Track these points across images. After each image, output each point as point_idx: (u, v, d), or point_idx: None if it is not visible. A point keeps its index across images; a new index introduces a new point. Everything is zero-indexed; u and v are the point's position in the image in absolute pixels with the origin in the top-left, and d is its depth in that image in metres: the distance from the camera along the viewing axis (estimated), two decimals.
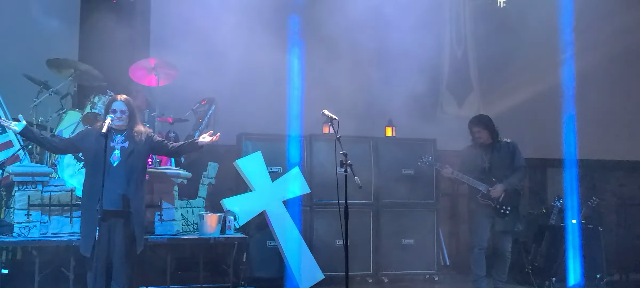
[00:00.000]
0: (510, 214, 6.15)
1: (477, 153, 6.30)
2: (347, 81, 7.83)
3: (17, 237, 5.51)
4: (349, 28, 7.82)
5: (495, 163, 6.22)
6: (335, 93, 7.38)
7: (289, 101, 7.29)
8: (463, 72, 9.40)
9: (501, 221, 6.16)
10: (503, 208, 6.13)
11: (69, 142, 5.14)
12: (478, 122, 6.32)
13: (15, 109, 6.28)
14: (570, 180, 7.30)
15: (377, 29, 8.01)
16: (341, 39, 7.94)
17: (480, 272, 6.19)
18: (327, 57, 7.62)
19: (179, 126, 7.16)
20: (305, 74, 7.65)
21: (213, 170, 6.70)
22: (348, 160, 4.68)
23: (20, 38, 7.29)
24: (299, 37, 7.67)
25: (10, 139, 6.01)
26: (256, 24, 7.40)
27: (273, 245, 6.68)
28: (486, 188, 6.12)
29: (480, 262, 6.18)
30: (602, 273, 7.05)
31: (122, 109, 4.99)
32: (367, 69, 8.02)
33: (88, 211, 4.89)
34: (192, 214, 6.40)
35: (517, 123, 8.11)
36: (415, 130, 7.80)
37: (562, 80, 7.95)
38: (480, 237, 6.18)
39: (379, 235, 7.26)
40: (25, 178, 5.63)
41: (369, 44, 7.92)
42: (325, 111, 4.98)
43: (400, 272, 7.37)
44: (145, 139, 5.06)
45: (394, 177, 7.31)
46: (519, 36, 8.87)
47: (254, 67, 7.59)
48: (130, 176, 4.94)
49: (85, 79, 6.62)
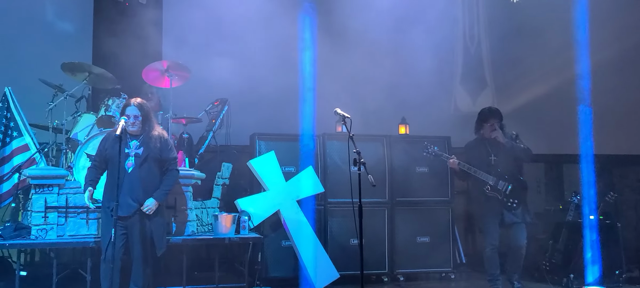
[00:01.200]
0: (518, 207, 6.04)
1: (483, 147, 6.18)
2: (361, 79, 7.83)
3: (34, 239, 5.57)
4: (363, 27, 7.81)
5: (501, 157, 6.10)
6: (348, 92, 7.38)
7: (302, 100, 7.28)
8: (477, 69, 9.34)
9: (510, 214, 6.05)
10: (510, 202, 6.02)
11: (100, 162, 5.16)
12: (496, 114, 6.18)
13: (31, 112, 6.38)
14: (587, 176, 7.20)
15: (390, 26, 7.98)
16: (354, 38, 7.93)
17: (495, 271, 6.09)
18: (340, 56, 7.61)
19: (192, 127, 7.19)
20: (318, 73, 7.64)
21: (227, 170, 6.72)
22: (361, 159, 4.65)
23: (35, 42, 7.39)
24: (311, 37, 7.67)
25: (26, 142, 6.07)
26: (268, 24, 7.42)
27: (288, 245, 6.67)
28: (495, 182, 6.01)
29: (494, 261, 6.08)
30: (621, 269, 6.94)
31: (135, 114, 5.01)
32: (381, 67, 7.98)
33: (105, 213, 4.97)
34: (206, 215, 6.43)
35: (532, 119, 8.04)
36: (429, 127, 7.76)
37: (577, 75, 7.85)
38: (492, 235, 6.07)
39: (394, 234, 7.22)
40: (42, 181, 5.69)
41: (382, 43, 7.90)
42: (337, 110, 4.97)
43: (416, 270, 7.33)
44: (160, 146, 5.08)
45: (408, 175, 7.27)
46: (533, 31, 8.80)
47: (267, 67, 7.62)
48: (147, 182, 4.97)
49: (99, 82, 6.68)
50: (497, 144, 6.12)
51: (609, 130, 8.32)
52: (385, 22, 7.95)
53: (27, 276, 5.90)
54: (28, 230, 5.66)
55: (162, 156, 5.10)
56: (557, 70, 8.42)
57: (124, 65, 6.99)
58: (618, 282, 6.83)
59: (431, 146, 6.32)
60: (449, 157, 6.19)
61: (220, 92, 7.31)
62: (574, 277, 6.73)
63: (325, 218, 6.97)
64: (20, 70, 7.04)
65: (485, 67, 9.40)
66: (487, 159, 6.12)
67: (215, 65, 7.11)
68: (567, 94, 8.16)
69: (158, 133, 5.12)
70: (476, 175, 6.06)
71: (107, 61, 7.06)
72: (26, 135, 6.07)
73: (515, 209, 6.04)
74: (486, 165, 6.10)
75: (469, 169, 6.06)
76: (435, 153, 6.26)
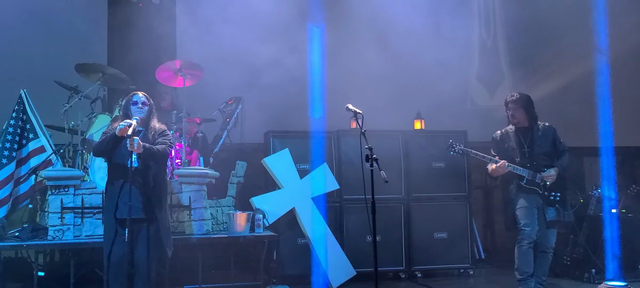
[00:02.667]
0: (560, 202, 5.56)
1: (515, 135, 5.73)
2: (375, 75, 7.77)
3: (51, 240, 5.62)
4: (377, 21, 7.75)
5: (535, 148, 5.65)
6: (363, 87, 7.33)
7: (316, 98, 7.24)
8: (493, 62, 9.21)
9: (552, 210, 5.55)
10: (552, 195, 5.55)
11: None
12: (515, 101, 5.72)
13: (46, 114, 6.43)
14: (607, 169, 7.05)
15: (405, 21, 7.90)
16: (368, 33, 7.88)
17: (528, 270, 5.51)
18: (353, 52, 7.56)
19: (206, 126, 7.20)
20: (333, 69, 7.61)
21: (241, 168, 6.71)
22: (373, 155, 4.59)
23: (50, 44, 7.45)
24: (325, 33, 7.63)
25: (42, 144, 6.12)
26: (282, 21, 7.40)
27: (303, 242, 6.65)
28: (532, 175, 5.55)
29: (528, 258, 5.50)
30: None
31: (144, 101, 4.96)
32: (395, 62, 7.91)
33: (107, 214, 4.91)
34: (221, 213, 6.43)
35: (551, 111, 7.88)
36: (445, 122, 7.68)
37: (596, 66, 7.69)
38: (532, 228, 5.47)
39: (411, 230, 7.16)
40: (58, 182, 5.73)
41: (396, 37, 7.82)
42: (349, 105, 4.92)
43: (434, 267, 7.26)
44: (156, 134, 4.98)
45: (424, 171, 7.20)
46: (550, 22, 8.65)
47: (281, 64, 7.58)
48: (150, 179, 4.87)
49: (114, 82, 6.70)
50: (530, 132, 5.68)
51: (629, 122, 8.15)
52: (400, 16, 7.87)
53: (45, 276, 5.96)
54: (45, 231, 5.72)
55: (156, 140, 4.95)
56: (575, 62, 8.27)
57: (138, 65, 7.02)
58: None
59: (458, 144, 5.87)
60: (493, 158, 5.64)
61: (234, 90, 7.30)
62: (596, 271, 6.61)
63: (341, 215, 6.94)
64: (35, 72, 7.10)
65: (502, 60, 9.27)
66: (520, 150, 5.67)
67: (229, 63, 7.11)
68: (586, 86, 8.01)
69: (158, 126, 5.07)
70: (515, 172, 5.60)
71: (121, 62, 7.11)
72: (42, 137, 6.12)
73: (558, 203, 5.57)
74: (520, 156, 5.65)
75: (508, 167, 5.57)
76: (462, 151, 5.79)
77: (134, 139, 4.58)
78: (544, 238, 5.61)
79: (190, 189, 6.03)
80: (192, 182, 6.06)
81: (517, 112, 5.72)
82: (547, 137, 5.71)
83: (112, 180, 4.88)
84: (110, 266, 4.83)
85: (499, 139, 5.82)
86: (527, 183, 5.58)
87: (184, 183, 6.04)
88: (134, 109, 4.90)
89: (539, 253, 5.63)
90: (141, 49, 7.04)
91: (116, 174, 4.84)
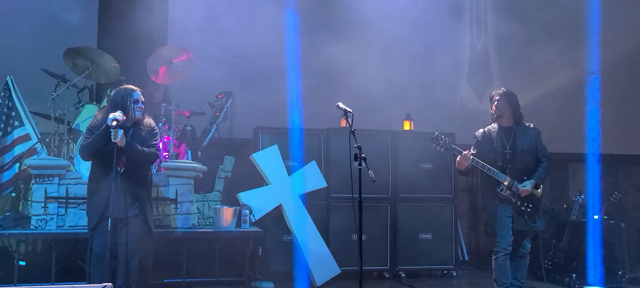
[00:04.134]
0: (531, 212, 5.47)
1: (497, 135, 5.57)
2: (366, 74, 7.77)
3: (34, 229, 5.56)
4: (368, 21, 7.75)
5: (517, 149, 5.50)
6: (353, 86, 7.33)
7: (306, 95, 7.23)
8: (484, 65, 9.26)
9: (521, 220, 5.47)
10: (524, 206, 5.46)
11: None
12: (502, 95, 5.56)
13: (33, 103, 6.36)
14: (592, 175, 7.12)
15: (395, 22, 7.91)
16: (360, 33, 7.87)
17: (506, 280, 5.47)
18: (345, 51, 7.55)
19: (196, 119, 7.17)
20: (324, 68, 7.60)
21: (229, 163, 6.69)
22: (362, 154, 4.59)
23: (39, 32, 7.36)
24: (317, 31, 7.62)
25: (27, 132, 6.05)
26: (274, 17, 7.37)
27: (289, 239, 6.65)
28: (509, 182, 5.42)
29: (505, 269, 5.46)
30: (624, 269, 6.89)
31: (143, 100, 4.96)
32: (385, 62, 7.92)
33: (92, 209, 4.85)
34: (208, 208, 6.40)
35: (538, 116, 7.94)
36: (433, 124, 7.69)
37: (585, 73, 7.77)
38: (506, 239, 5.44)
39: (396, 230, 7.19)
40: (43, 171, 5.67)
41: (388, 38, 7.83)
42: (339, 104, 4.91)
43: (418, 267, 7.30)
44: (145, 135, 4.95)
45: (411, 171, 7.23)
46: (540, 28, 8.70)
47: (272, 60, 7.57)
48: (136, 177, 4.86)
49: (102, 75, 6.58)
50: (513, 133, 5.54)
51: (616, 130, 8.24)
52: (391, 16, 7.88)
53: (26, 266, 5.87)
54: (28, 220, 5.65)
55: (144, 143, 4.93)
56: (564, 68, 8.34)
57: (129, 57, 6.95)
58: (620, 283, 6.78)
59: (443, 137, 5.65)
60: (461, 150, 5.50)
61: (225, 84, 7.27)
62: (576, 276, 6.69)
63: (327, 213, 6.94)
64: (23, 59, 7.02)
65: (492, 64, 9.32)
66: (501, 151, 5.51)
67: (220, 57, 7.07)
68: (575, 93, 8.09)
69: (148, 122, 5.04)
70: (489, 173, 5.46)
71: (111, 52, 7.02)
72: (27, 125, 6.05)
73: (527, 213, 5.46)
74: (500, 158, 5.50)
75: (482, 167, 5.44)
76: (446, 145, 5.60)
77: (118, 131, 4.57)
78: (517, 245, 5.56)
79: (177, 183, 5.99)
80: (179, 176, 6.02)
81: (502, 104, 5.54)
82: (531, 139, 5.58)
83: (98, 179, 4.82)
84: (92, 258, 4.80)
85: (481, 138, 5.67)
86: (503, 190, 5.47)
87: (171, 177, 6.00)
88: (135, 107, 4.86)
89: (516, 258, 5.60)
90: (132, 40, 6.98)
91: (102, 173, 4.79)
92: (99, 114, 4.98)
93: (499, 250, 5.47)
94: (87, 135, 4.83)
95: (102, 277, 4.61)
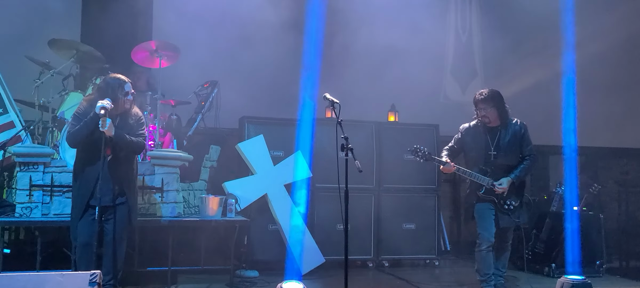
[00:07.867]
0: (514, 209, 5.54)
1: (482, 135, 5.55)
2: (351, 66, 7.81)
3: (19, 217, 5.53)
4: (354, 12, 7.78)
5: (502, 149, 5.50)
6: (338, 77, 7.37)
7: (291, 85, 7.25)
8: (467, 58, 9.36)
9: (506, 218, 5.52)
10: (507, 204, 5.50)
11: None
12: (485, 99, 5.47)
13: (17, 89, 6.31)
14: (571, 167, 7.25)
15: (381, 13, 7.96)
16: (345, 23, 7.90)
17: (488, 271, 5.52)
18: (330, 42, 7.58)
19: (181, 108, 7.16)
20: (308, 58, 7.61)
21: (215, 153, 6.70)
22: (349, 144, 4.65)
23: (22, 18, 7.27)
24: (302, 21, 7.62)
25: (12, 119, 6.01)
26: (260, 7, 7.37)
27: (274, 229, 6.69)
28: (489, 183, 5.44)
29: (488, 261, 5.50)
30: (602, 259, 7.08)
31: (132, 91, 4.95)
32: (371, 54, 7.98)
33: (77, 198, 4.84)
34: (193, 197, 6.42)
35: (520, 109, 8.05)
36: (418, 115, 7.78)
37: (565, 67, 7.89)
38: (489, 232, 5.47)
39: (380, 220, 7.27)
40: (28, 159, 5.63)
41: (373, 29, 7.88)
42: (326, 95, 4.95)
43: (401, 257, 7.41)
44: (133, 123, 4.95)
45: (395, 162, 7.32)
46: (523, 22, 8.82)
47: (257, 50, 7.58)
48: (122, 166, 4.87)
49: (87, 60, 6.60)
50: (498, 132, 5.52)
51: (595, 123, 8.40)
52: (376, 8, 7.93)
53: (11, 254, 5.86)
54: (12, 208, 5.62)
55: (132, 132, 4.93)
56: (546, 62, 8.46)
57: (113, 44, 6.92)
58: (598, 272, 6.96)
59: (422, 148, 5.61)
60: (443, 161, 5.51)
61: (211, 73, 7.26)
62: (556, 266, 6.84)
63: (312, 203, 6.98)
64: (6, 46, 6.95)
65: (476, 57, 9.42)
66: (485, 151, 5.53)
67: (206, 46, 7.06)
68: (555, 86, 8.20)
69: (135, 111, 5.04)
70: (472, 179, 5.52)
71: (95, 39, 6.99)
72: (11, 112, 6.01)
73: (512, 212, 5.54)
74: (484, 157, 5.53)
75: (465, 174, 5.52)
76: (425, 156, 5.55)
77: (106, 119, 4.56)
78: (500, 238, 5.62)
79: (163, 171, 5.99)
80: (165, 165, 6.02)
81: (488, 112, 5.50)
82: (516, 138, 5.56)
83: (84, 166, 4.81)
84: (78, 246, 4.81)
85: (464, 133, 5.66)
86: (485, 192, 5.50)
87: (156, 166, 6.00)
88: (125, 99, 4.85)
89: (498, 250, 5.67)
90: (117, 27, 6.94)
91: (88, 160, 4.78)
92: (85, 102, 4.96)
93: (482, 243, 5.50)
94: (74, 123, 4.81)
95: (89, 264, 4.60)
